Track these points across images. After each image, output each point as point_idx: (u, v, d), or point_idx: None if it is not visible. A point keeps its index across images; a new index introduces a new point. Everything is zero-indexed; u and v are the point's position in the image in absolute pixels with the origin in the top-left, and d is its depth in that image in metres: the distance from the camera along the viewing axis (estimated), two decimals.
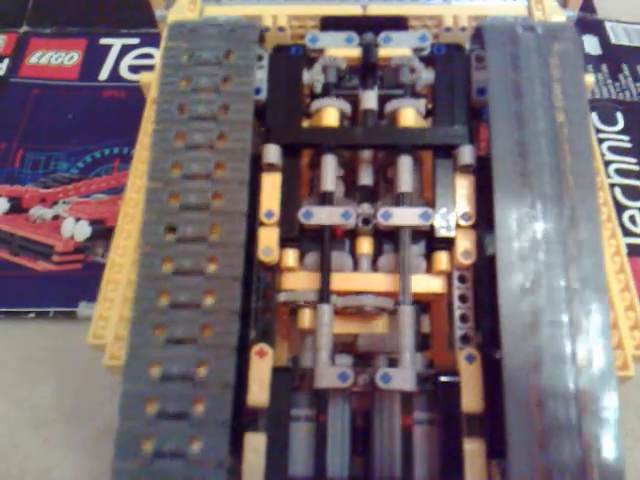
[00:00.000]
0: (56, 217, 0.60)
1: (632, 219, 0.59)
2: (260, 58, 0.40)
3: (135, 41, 0.73)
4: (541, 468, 0.30)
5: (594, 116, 0.66)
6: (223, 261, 0.35)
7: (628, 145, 0.64)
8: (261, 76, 0.40)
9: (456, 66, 0.40)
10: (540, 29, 0.38)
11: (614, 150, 0.63)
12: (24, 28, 0.75)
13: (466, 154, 0.38)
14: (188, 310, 0.34)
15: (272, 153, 0.38)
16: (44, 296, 0.54)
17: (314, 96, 0.41)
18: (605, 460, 0.31)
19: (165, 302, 0.34)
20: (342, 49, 0.41)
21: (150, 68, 0.51)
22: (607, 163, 0.62)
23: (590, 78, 0.45)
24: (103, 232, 0.58)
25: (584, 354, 0.32)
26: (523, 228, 0.34)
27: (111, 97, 0.68)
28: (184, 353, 0.33)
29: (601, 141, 0.64)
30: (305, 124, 0.41)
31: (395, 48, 0.41)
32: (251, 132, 0.37)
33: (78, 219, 0.59)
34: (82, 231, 0.58)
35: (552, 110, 0.36)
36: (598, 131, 0.65)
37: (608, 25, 0.75)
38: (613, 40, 0.73)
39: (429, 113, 0.41)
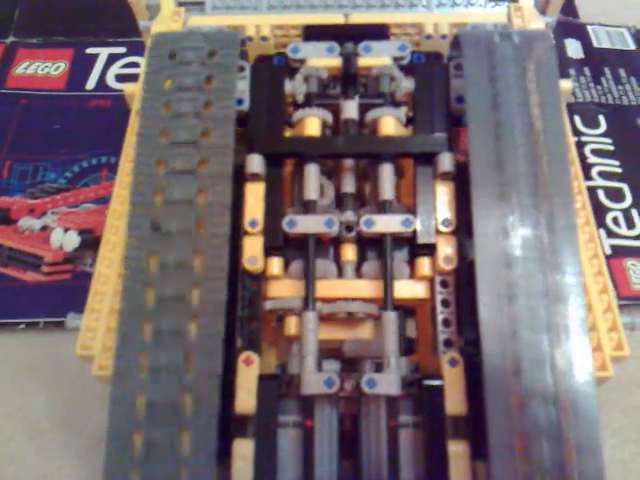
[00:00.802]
0: (45, 228, 0.60)
1: (615, 221, 0.60)
2: (242, 69, 0.41)
3: (121, 50, 0.74)
4: (522, 469, 0.31)
5: (577, 119, 0.66)
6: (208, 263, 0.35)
7: (610, 148, 0.65)
8: (243, 87, 0.40)
9: (435, 74, 0.41)
10: (517, 38, 0.39)
11: (597, 153, 0.64)
12: (10, 38, 0.75)
13: (446, 161, 0.38)
14: (175, 303, 0.34)
15: (255, 163, 0.39)
16: (34, 307, 0.55)
17: (296, 106, 0.41)
18: (585, 461, 0.31)
19: (152, 298, 0.35)
20: (323, 59, 0.42)
21: (137, 77, 0.51)
22: (590, 166, 0.63)
23: (568, 84, 0.46)
24: (92, 242, 0.58)
25: (563, 357, 0.32)
26: (501, 236, 0.34)
27: (98, 106, 0.69)
28: (171, 349, 0.34)
29: (584, 144, 0.64)
30: (288, 134, 0.41)
31: (375, 57, 0.42)
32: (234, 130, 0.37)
33: (67, 229, 0.59)
34: (71, 241, 0.58)
35: (529, 119, 0.36)
36: (581, 134, 0.65)
37: (590, 29, 0.76)
38: (595, 43, 0.74)
39: (409, 121, 0.41)
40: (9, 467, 0.48)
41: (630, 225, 0.59)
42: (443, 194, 0.38)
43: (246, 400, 0.35)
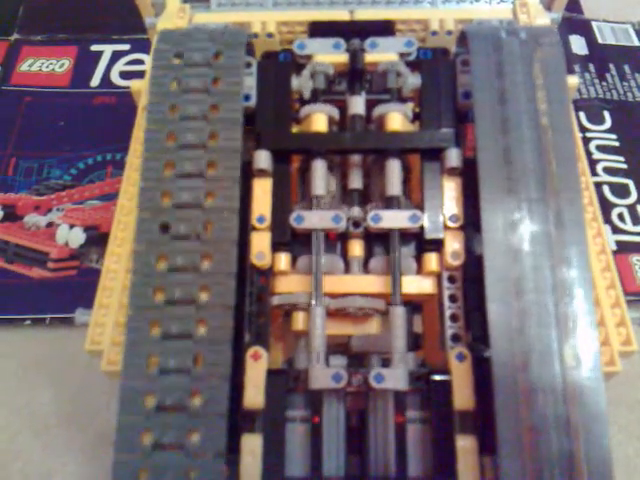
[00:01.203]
0: (50, 224, 0.60)
1: (620, 216, 0.60)
2: (249, 65, 0.41)
3: (126, 47, 0.74)
4: (530, 463, 0.31)
5: (582, 115, 0.66)
6: (217, 259, 0.35)
7: (616, 143, 0.65)
8: (250, 83, 0.40)
9: (442, 70, 0.41)
10: (523, 34, 0.39)
11: (602, 149, 0.64)
12: (15, 36, 0.75)
13: (453, 157, 0.38)
14: (183, 305, 0.34)
15: (263, 159, 0.39)
16: (40, 303, 0.55)
17: (303, 102, 0.41)
18: (593, 455, 0.31)
19: (161, 299, 0.35)
20: (329, 55, 0.42)
21: (141, 74, 0.51)
22: (595, 162, 0.63)
23: (574, 79, 0.46)
24: (97, 238, 0.58)
25: (571, 351, 0.32)
26: (509, 231, 0.35)
27: (102, 103, 0.69)
28: (180, 347, 0.34)
29: (589, 140, 0.64)
30: (295, 130, 0.41)
31: (381, 53, 0.42)
32: (241, 132, 0.37)
33: (72, 226, 0.59)
34: (76, 238, 0.59)
35: (536, 115, 0.36)
36: (586, 130, 0.65)
37: (595, 25, 0.76)
38: (600, 40, 0.74)
39: (416, 117, 0.41)
40: (15, 462, 0.48)
41: (635, 221, 0.59)
42: (450, 189, 0.38)
43: (254, 395, 0.35)
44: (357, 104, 0.41)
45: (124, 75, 0.71)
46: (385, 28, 0.46)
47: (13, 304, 0.55)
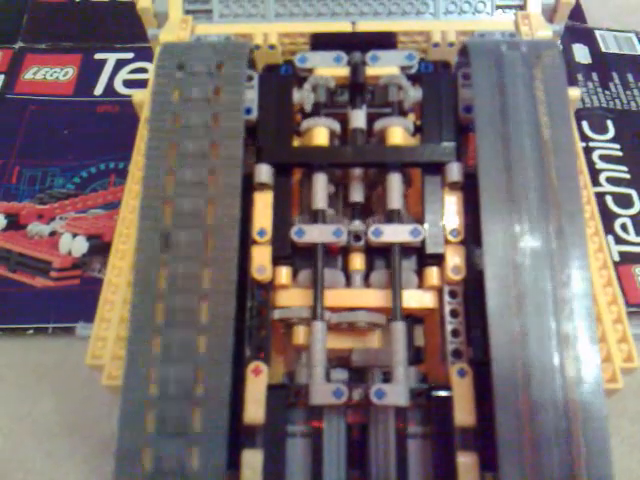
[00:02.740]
0: (53, 233, 0.60)
1: (624, 227, 0.59)
2: (250, 78, 0.41)
3: (129, 55, 0.74)
4: None
5: (585, 125, 0.66)
6: (217, 271, 0.35)
7: (619, 153, 0.64)
8: (251, 96, 0.40)
9: (443, 84, 0.41)
10: (524, 47, 0.39)
11: (605, 159, 0.64)
12: (19, 44, 0.76)
13: (454, 171, 0.38)
14: (184, 322, 0.34)
15: (264, 172, 0.39)
16: (43, 312, 0.55)
17: (304, 115, 0.41)
18: (595, 472, 0.31)
19: (161, 312, 0.35)
20: (331, 68, 0.42)
21: (144, 83, 0.51)
22: (598, 171, 0.63)
23: (576, 92, 0.46)
24: (100, 247, 0.58)
25: (573, 367, 0.32)
26: (511, 247, 0.34)
27: (106, 112, 0.69)
28: (180, 370, 0.34)
29: (592, 150, 0.64)
30: (296, 143, 0.41)
31: (383, 67, 0.42)
32: (242, 141, 0.38)
33: (75, 235, 0.60)
34: (79, 246, 0.59)
35: (537, 128, 0.36)
36: (589, 139, 0.65)
37: (598, 34, 0.75)
38: (603, 49, 0.74)
39: (417, 130, 0.41)
40: (18, 472, 0.48)
41: (639, 232, 0.59)
42: (451, 203, 0.38)
43: (255, 411, 0.35)
44: (358, 118, 0.41)
45: (127, 84, 0.71)
46: (387, 40, 0.46)
47: (16, 313, 0.55)
